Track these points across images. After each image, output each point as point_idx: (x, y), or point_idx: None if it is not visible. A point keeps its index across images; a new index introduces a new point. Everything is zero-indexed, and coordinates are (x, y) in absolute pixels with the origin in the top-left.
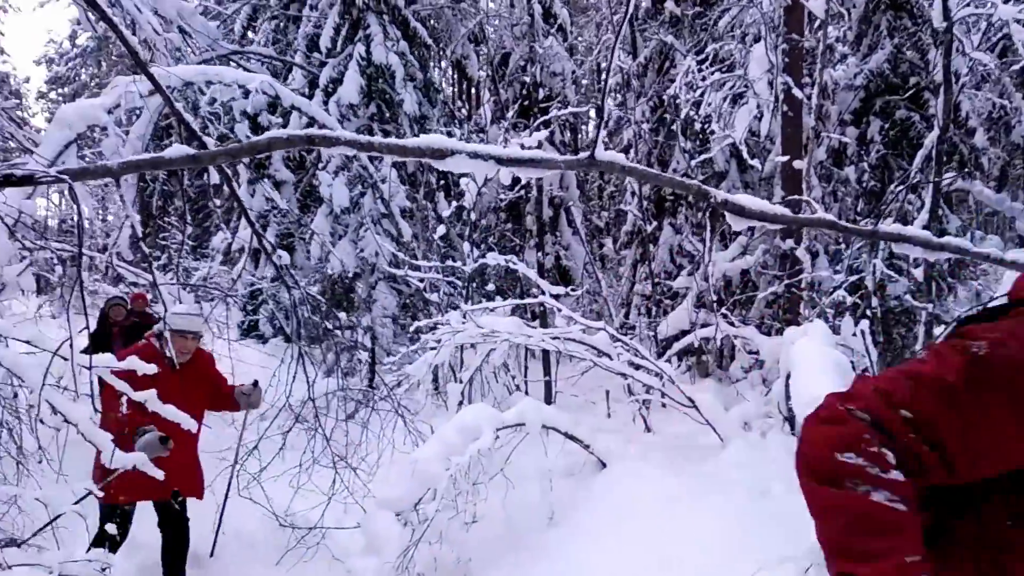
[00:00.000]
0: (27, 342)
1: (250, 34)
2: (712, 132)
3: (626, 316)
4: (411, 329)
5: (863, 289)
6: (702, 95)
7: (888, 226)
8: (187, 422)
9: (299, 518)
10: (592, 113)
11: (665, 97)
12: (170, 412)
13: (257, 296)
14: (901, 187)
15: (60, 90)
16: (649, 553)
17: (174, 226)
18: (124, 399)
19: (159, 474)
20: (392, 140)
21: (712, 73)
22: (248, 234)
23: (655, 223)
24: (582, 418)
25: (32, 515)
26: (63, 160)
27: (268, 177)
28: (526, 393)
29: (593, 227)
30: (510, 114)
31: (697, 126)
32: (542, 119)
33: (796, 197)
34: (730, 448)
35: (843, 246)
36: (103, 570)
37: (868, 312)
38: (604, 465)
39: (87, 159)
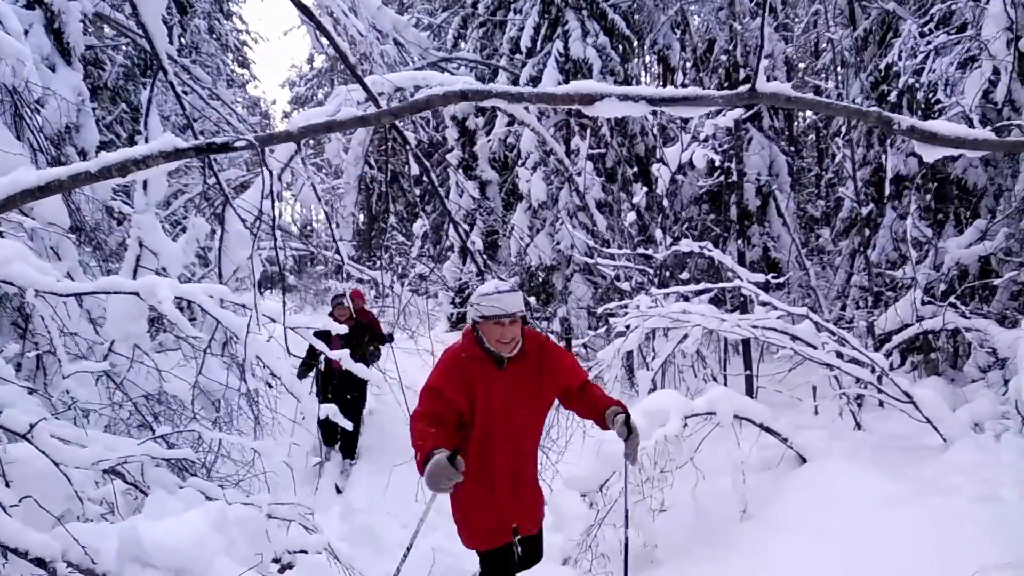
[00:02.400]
0: (242, 305)
1: (461, 43)
2: (938, 101)
3: (842, 309)
4: (599, 311)
5: None
6: (924, 61)
7: None
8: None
9: None
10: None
11: (882, 67)
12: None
13: (464, 290)
14: None
15: (300, 109)
16: (851, 553)
17: (395, 227)
18: (322, 357)
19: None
20: (540, 89)
21: (937, 36)
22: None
23: (872, 206)
24: (785, 414)
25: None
26: (294, 162)
27: (474, 178)
28: (724, 386)
29: (808, 217)
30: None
31: (920, 95)
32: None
33: None
34: (954, 449)
35: None
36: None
37: None
38: (804, 461)
39: (316, 164)
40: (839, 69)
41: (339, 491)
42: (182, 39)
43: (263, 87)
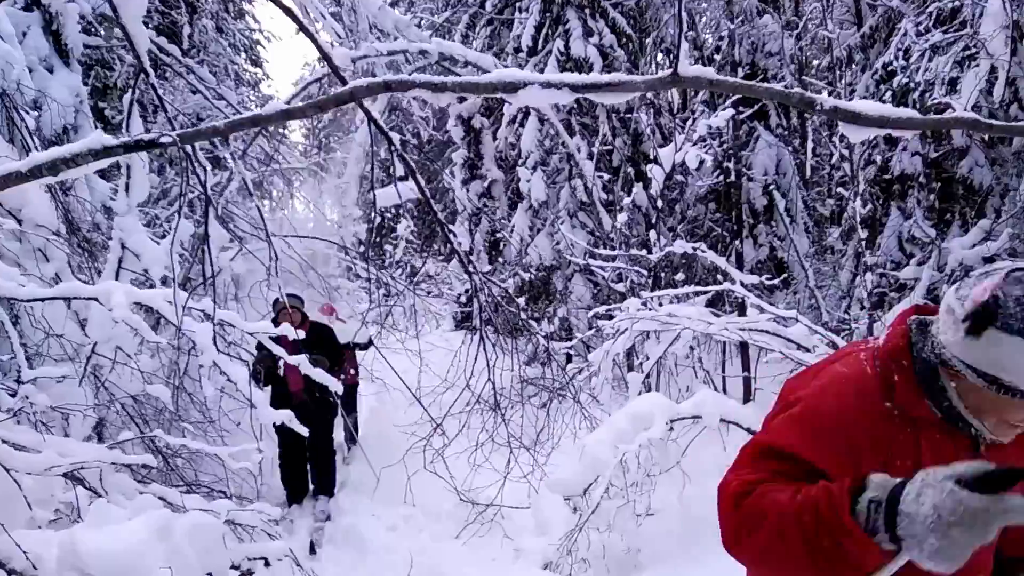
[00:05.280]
0: (202, 310)
1: (474, 42)
2: (936, 101)
3: (847, 311)
4: (589, 315)
5: None
6: (921, 59)
7: None
8: None
9: (479, 495)
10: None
11: (880, 66)
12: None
13: (470, 291)
14: None
15: None
16: None
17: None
18: (281, 362)
19: None
20: (464, 79)
21: (934, 35)
22: (463, 230)
23: (871, 207)
24: None
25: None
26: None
27: (480, 177)
28: (723, 389)
29: (819, 216)
30: (700, 97)
31: (917, 94)
32: (734, 97)
33: None
34: None
35: None
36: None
37: None
38: None
39: (321, 164)
40: (850, 66)
41: (313, 550)
42: (191, 38)
43: (276, 85)
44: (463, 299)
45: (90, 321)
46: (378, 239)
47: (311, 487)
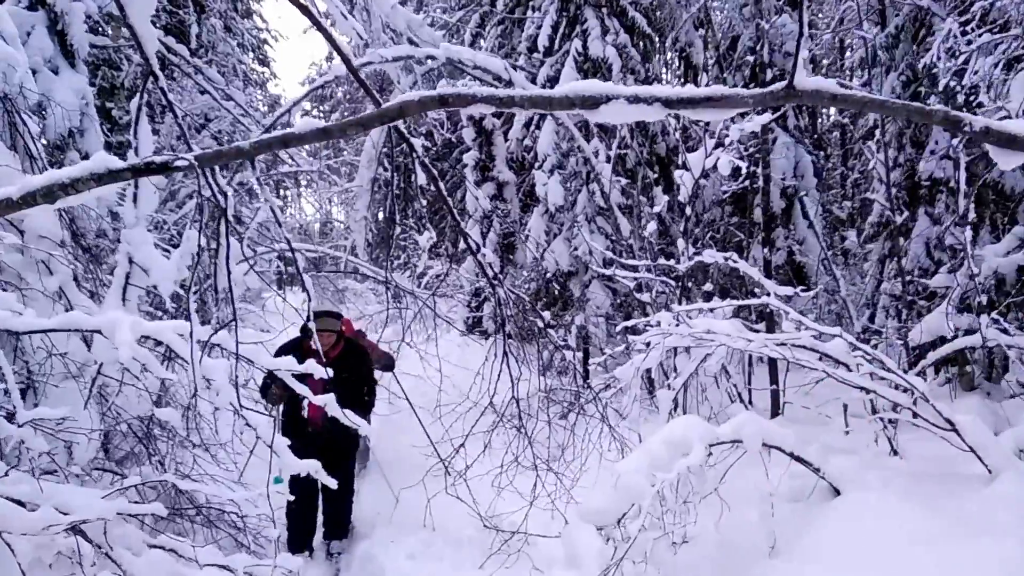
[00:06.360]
0: (218, 345)
1: (481, 41)
2: (980, 105)
3: (871, 320)
4: (617, 329)
5: None
6: (966, 62)
7: None
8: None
9: (504, 520)
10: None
11: (919, 68)
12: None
13: (480, 293)
14: None
15: (320, 107)
16: None
17: (412, 227)
18: (306, 403)
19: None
20: (534, 92)
21: (979, 35)
22: (476, 233)
23: (906, 212)
24: (813, 434)
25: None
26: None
27: (492, 179)
28: (749, 402)
29: (834, 218)
30: None
31: (960, 99)
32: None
33: None
34: (1000, 482)
35: None
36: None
37: None
38: (837, 492)
39: (330, 166)
40: (872, 68)
41: None
42: (199, 37)
43: (283, 85)
44: (473, 303)
45: (95, 341)
46: (392, 240)
47: (321, 530)
